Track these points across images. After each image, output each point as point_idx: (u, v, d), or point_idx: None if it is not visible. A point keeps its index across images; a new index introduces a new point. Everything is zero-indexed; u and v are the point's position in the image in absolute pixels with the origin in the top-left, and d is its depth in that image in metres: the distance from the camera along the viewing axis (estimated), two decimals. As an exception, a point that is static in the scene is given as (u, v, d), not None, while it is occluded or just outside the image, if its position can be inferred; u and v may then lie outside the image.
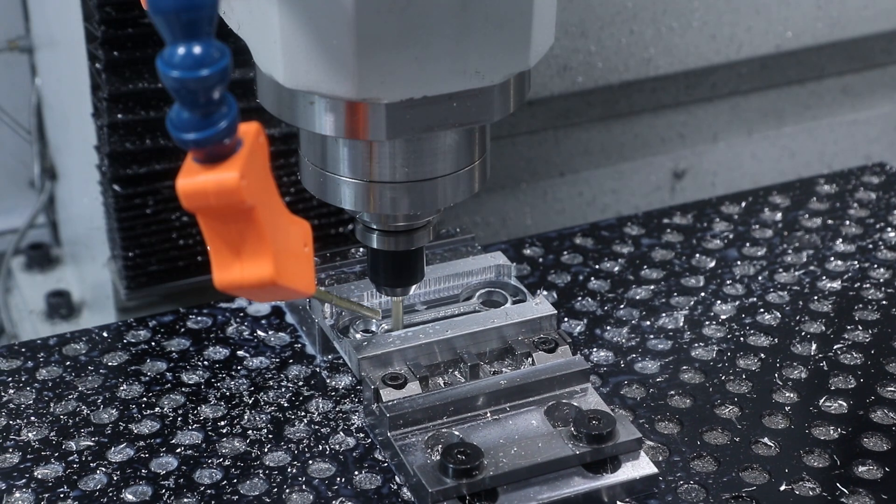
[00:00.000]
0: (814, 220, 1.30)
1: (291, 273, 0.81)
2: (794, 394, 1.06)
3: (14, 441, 1.00)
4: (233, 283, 0.79)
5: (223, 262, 0.78)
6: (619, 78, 1.51)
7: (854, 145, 1.75)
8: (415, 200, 0.94)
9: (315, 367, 1.08)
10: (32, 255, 1.68)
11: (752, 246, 1.25)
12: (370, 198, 0.94)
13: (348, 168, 0.93)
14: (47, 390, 1.06)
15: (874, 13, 1.61)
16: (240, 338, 1.12)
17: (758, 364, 1.09)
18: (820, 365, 1.09)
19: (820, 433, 1.01)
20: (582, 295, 1.18)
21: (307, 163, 0.96)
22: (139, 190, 1.24)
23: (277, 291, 0.81)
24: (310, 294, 0.84)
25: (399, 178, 0.93)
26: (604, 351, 1.11)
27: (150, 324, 1.14)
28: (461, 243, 1.17)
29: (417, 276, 1.02)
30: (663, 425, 1.03)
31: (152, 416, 1.03)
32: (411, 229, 0.99)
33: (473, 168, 0.96)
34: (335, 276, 1.12)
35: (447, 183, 0.94)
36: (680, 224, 1.29)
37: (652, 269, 1.22)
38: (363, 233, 1.00)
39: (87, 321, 1.56)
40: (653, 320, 1.15)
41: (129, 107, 1.21)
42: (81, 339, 1.12)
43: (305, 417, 1.03)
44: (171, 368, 1.09)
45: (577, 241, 1.26)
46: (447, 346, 1.03)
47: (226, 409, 1.04)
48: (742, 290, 1.19)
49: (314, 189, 0.96)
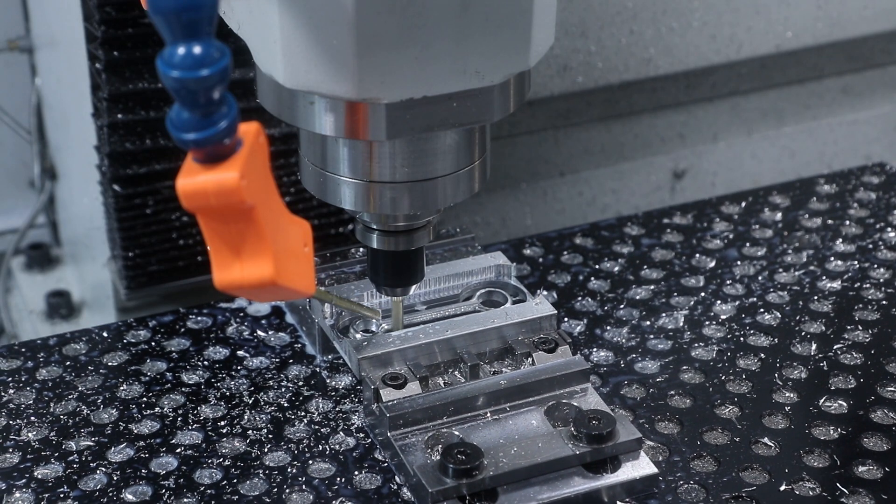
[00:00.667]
0: (814, 220, 1.30)
1: (291, 273, 0.81)
2: (794, 394, 1.06)
3: (14, 441, 1.00)
4: (233, 284, 0.79)
5: (223, 262, 0.78)
6: (619, 78, 1.51)
7: (854, 145, 1.75)
8: (415, 200, 0.94)
9: (315, 367, 1.08)
10: (32, 255, 1.68)
11: (752, 246, 1.25)
12: (370, 198, 0.94)
13: (348, 168, 0.93)
14: (47, 390, 1.06)
15: (874, 13, 1.61)
16: (240, 338, 1.12)
17: (758, 364, 1.09)
18: (820, 365, 1.09)
19: (820, 433, 1.01)
20: (582, 295, 1.18)
21: (307, 163, 0.96)
22: (139, 190, 1.24)
23: (277, 291, 0.81)
24: (310, 294, 0.84)
25: (399, 178, 0.93)
26: (604, 351, 1.11)
27: (150, 324, 1.14)
28: (461, 243, 1.17)
29: (417, 276, 1.02)
30: (663, 425, 1.03)
31: (152, 416, 1.03)
32: (411, 229, 0.99)
33: (473, 168, 0.96)
34: (335, 276, 1.12)
35: (447, 183, 0.94)
36: (680, 224, 1.29)
37: (652, 269, 1.22)
38: (363, 233, 1.00)
39: (87, 321, 1.56)
40: (653, 320, 1.15)
41: (129, 107, 1.21)
42: (81, 339, 1.12)
43: (305, 417, 1.03)
44: (171, 368, 1.09)
45: (577, 241, 1.26)
46: (447, 346, 1.03)
47: (226, 409, 1.04)
48: (742, 290, 1.19)
49: (314, 189, 0.96)
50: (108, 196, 1.26)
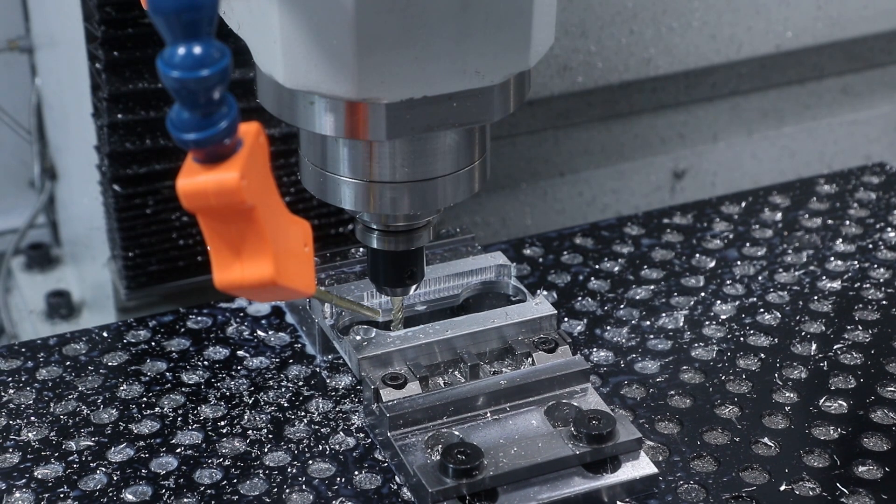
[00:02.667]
0: (814, 220, 1.30)
1: (292, 273, 0.81)
2: (794, 394, 1.06)
3: (14, 441, 1.00)
4: (233, 284, 0.79)
5: (223, 262, 0.78)
6: (619, 78, 1.51)
7: (854, 145, 1.75)
8: (415, 200, 0.94)
9: (315, 367, 1.08)
10: (32, 255, 1.68)
11: (752, 246, 1.25)
12: (370, 198, 0.94)
13: (348, 168, 0.93)
14: (47, 390, 1.06)
15: (874, 13, 1.61)
16: (240, 338, 1.12)
17: (758, 364, 1.09)
18: (820, 365, 1.09)
19: (820, 433, 1.01)
20: (582, 295, 1.18)
21: (307, 163, 0.96)
22: (139, 190, 1.24)
23: (278, 291, 0.81)
24: (310, 294, 0.84)
25: (399, 178, 0.93)
26: (604, 351, 1.11)
27: (150, 324, 1.14)
28: (461, 243, 1.17)
29: (417, 277, 1.02)
30: (663, 425, 1.03)
31: (152, 416, 1.03)
32: (411, 229, 0.99)
33: (473, 168, 0.96)
34: (335, 276, 1.12)
35: (447, 183, 0.94)
36: (680, 224, 1.29)
37: (652, 269, 1.22)
38: (363, 233, 1.00)
39: (87, 321, 1.56)
40: (653, 320, 1.15)
41: (129, 107, 1.21)
42: (81, 339, 1.12)
43: (305, 417, 1.03)
44: (171, 368, 1.09)
45: (577, 241, 1.26)
46: (447, 346, 1.03)
47: (226, 409, 1.04)
48: (742, 290, 1.19)
49: (314, 189, 0.96)
50: (108, 196, 1.26)
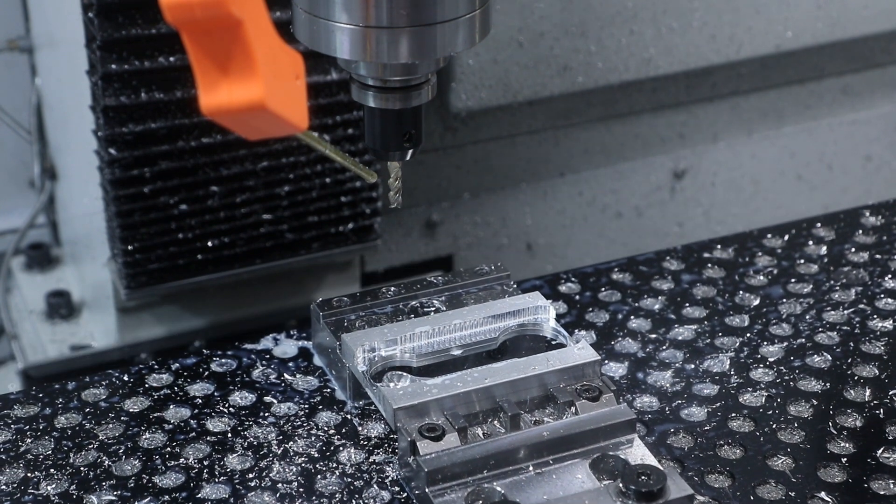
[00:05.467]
0: (860, 254, 1.25)
1: (283, 101, 0.76)
2: (850, 444, 1.00)
3: (32, 496, 0.95)
4: (220, 107, 0.74)
5: (210, 82, 0.73)
6: (619, 78, 1.52)
7: (854, 145, 1.76)
8: (413, 47, 0.90)
9: (346, 414, 1.04)
10: (32, 255, 1.69)
11: (797, 282, 1.20)
12: (366, 45, 0.89)
13: (343, 13, 0.89)
14: (66, 439, 1.01)
15: (874, 13, 1.64)
16: (266, 381, 1.08)
17: (810, 411, 1.04)
18: (876, 412, 1.04)
19: (879, 487, 0.96)
20: (622, 335, 1.13)
21: (299, 11, 0.91)
22: (139, 190, 1.24)
23: (269, 121, 0.76)
24: (303, 128, 0.79)
25: (397, 23, 0.88)
26: (647, 396, 1.06)
27: (173, 367, 1.09)
28: (496, 281, 1.12)
29: (416, 140, 0.97)
30: (713, 478, 0.98)
31: (176, 467, 0.98)
32: (409, 86, 0.94)
33: (474, 16, 0.92)
34: (365, 318, 1.07)
35: (446, 30, 0.90)
36: (721, 258, 1.24)
37: (694, 306, 1.17)
38: (359, 91, 0.95)
39: (87, 321, 1.56)
40: (697, 363, 1.10)
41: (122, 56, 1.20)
42: (101, 384, 1.07)
43: (337, 469, 0.98)
44: (196, 415, 1.04)
45: (615, 277, 1.21)
46: (486, 394, 0.98)
47: (254, 459, 0.99)
48: (789, 331, 1.14)
49: (306, 38, 0.92)
50: (109, 196, 1.26)
